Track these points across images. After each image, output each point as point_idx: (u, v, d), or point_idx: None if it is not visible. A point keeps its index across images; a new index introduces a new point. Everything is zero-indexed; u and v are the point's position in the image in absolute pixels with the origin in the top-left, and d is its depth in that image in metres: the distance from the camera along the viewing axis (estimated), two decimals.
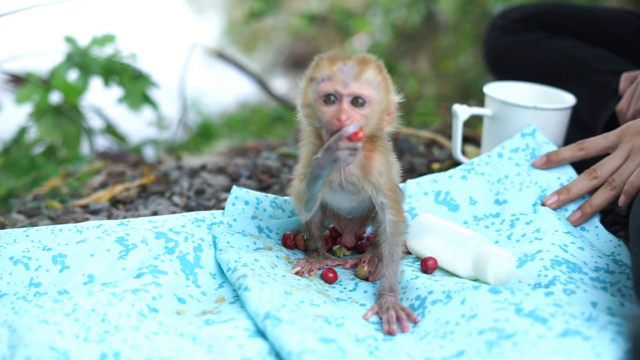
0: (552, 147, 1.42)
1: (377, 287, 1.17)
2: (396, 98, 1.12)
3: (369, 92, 1.06)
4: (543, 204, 1.34)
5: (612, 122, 1.49)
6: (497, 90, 1.57)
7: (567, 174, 1.38)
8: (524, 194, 1.36)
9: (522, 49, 1.74)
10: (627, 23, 1.69)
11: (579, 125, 1.60)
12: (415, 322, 1.07)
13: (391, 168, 1.14)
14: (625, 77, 1.49)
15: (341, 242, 1.28)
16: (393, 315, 1.07)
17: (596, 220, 1.33)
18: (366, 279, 1.20)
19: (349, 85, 1.06)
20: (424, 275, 1.17)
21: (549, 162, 1.36)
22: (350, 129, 1.04)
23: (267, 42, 5.36)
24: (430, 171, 1.62)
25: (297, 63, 5.19)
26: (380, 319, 1.08)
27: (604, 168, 1.31)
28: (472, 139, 1.87)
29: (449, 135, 1.89)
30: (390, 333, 1.05)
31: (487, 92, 1.54)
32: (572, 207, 1.34)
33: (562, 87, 1.58)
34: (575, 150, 1.36)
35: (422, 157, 1.78)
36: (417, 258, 1.25)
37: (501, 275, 1.12)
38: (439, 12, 4.15)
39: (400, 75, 3.71)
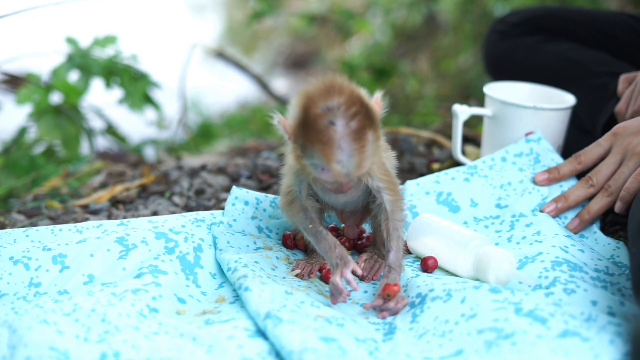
0: (555, 156, 1.42)
1: (376, 286, 1.17)
2: (379, 101, 1.07)
3: (368, 166, 1.03)
4: (541, 211, 1.34)
5: (611, 124, 1.49)
6: (497, 90, 1.57)
7: (569, 181, 1.38)
8: (525, 199, 1.36)
9: (521, 53, 1.74)
10: (625, 26, 1.69)
11: (578, 127, 1.60)
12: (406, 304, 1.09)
13: (381, 154, 1.14)
14: (623, 78, 1.49)
15: (344, 233, 1.28)
16: (396, 306, 1.08)
17: (594, 227, 1.33)
18: (361, 279, 1.20)
19: (351, 175, 1.02)
20: (425, 274, 1.17)
21: (549, 180, 1.37)
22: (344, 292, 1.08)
23: (267, 42, 5.36)
24: (430, 171, 1.63)
25: (297, 63, 5.19)
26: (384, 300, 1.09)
27: (599, 175, 1.32)
28: (472, 139, 1.87)
29: (449, 135, 1.90)
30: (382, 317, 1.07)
31: (487, 92, 1.54)
32: (570, 215, 1.34)
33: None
34: (575, 165, 1.36)
35: (422, 157, 1.78)
36: (417, 257, 1.25)
37: (502, 277, 1.12)
38: (439, 12, 4.16)
39: (400, 75, 3.71)
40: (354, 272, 1.09)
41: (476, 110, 1.53)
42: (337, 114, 0.99)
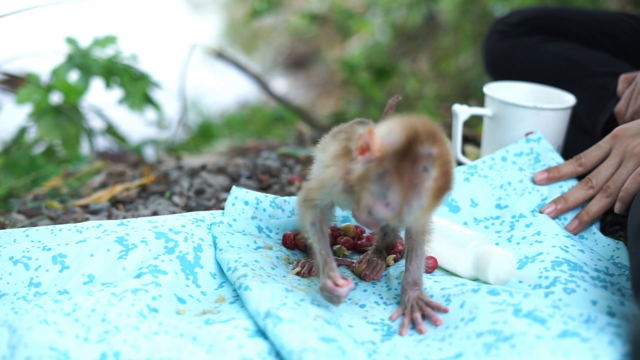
0: (556, 155, 1.42)
1: (376, 286, 1.18)
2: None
3: (421, 218, 1.00)
4: (541, 213, 1.34)
5: (611, 124, 1.49)
6: (497, 90, 1.57)
7: (569, 182, 1.38)
8: (525, 199, 1.36)
9: (521, 53, 1.74)
10: (625, 26, 1.69)
11: (579, 127, 1.60)
12: (446, 312, 1.06)
13: None
14: (623, 78, 1.49)
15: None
16: (419, 317, 1.07)
17: (594, 228, 1.33)
18: (362, 278, 1.20)
19: (404, 220, 0.98)
20: (424, 275, 1.17)
21: (549, 179, 1.37)
22: (345, 292, 1.04)
23: (267, 42, 5.36)
24: None
25: (297, 63, 5.19)
26: (412, 320, 1.07)
27: (598, 177, 1.32)
28: (472, 139, 1.87)
29: (449, 135, 1.88)
30: (420, 332, 1.05)
31: (487, 92, 1.54)
32: (570, 216, 1.34)
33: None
34: (575, 166, 1.36)
35: None
36: None
37: (502, 276, 1.12)
38: (439, 12, 4.16)
39: (400, 75, 3.72)
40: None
41: (476, 110, 1.53)
42: (435, 165, 0.96)
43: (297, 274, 1.18)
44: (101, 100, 2.35)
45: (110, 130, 2.37)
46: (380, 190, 0.97)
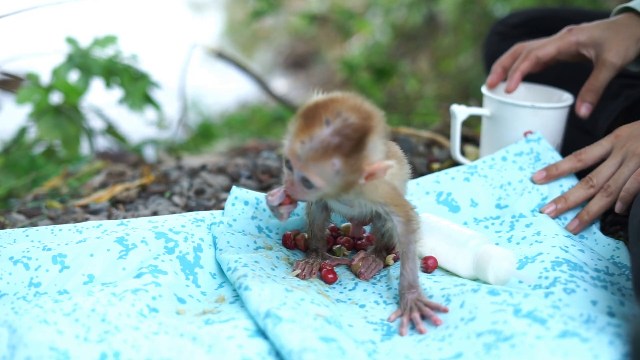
0: (555, 154, 1.42)
1: (376, 286, 1.18)
2: (385, 165, 1.04)
3: (317, 180, 1.03)
4: (541, 212, 1.34)
5: (612, 125, 1.49)
6: (495, 89, 1.57)
7: (569, 182, 1.38)
8: (525, 199, 1.36)
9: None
10: None
11: (578, 127, 1.60)
12: (445, 312, 1.06)
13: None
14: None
15: (350, 233, 1.29)
16: (417, 316, 1.07)
17: (594, 227, 1.33)
18: (357, 276, 1.21)
19: (299, 164, 1.03)
20: (424, 275, 1.17)
21: (548, 177, 1.37)
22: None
23: (267, 42, 5.36)
24: (430, 171, 1.63)
25: (297, 63, 5.19)
26: (410, 320, 1.08)
27: (599, 176, 1.32)
28: (471, 139, 1.87)
29: (449, 135, 1.90)
30: (420, 332, 1.05)
31: (485, 92, 1.54)
32: (570, 216, 1.34)
33: None
34: (574, 162, 1.36)
35: (422, 157, 1.78)
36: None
37: (501, 275, 1.12)
38: (439, 12, 4.16)
39: (400, 75, 3.72)
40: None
41: (474, 110, 1.54)
42: (339, 124, 1.01)
43: (297, 276, 1.18)
44: (101, 100, 2.35)
45: (110, 130, 2.37)
46: (290, 127, 1.04)
